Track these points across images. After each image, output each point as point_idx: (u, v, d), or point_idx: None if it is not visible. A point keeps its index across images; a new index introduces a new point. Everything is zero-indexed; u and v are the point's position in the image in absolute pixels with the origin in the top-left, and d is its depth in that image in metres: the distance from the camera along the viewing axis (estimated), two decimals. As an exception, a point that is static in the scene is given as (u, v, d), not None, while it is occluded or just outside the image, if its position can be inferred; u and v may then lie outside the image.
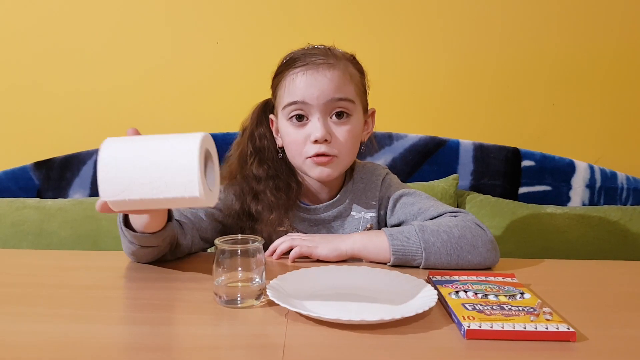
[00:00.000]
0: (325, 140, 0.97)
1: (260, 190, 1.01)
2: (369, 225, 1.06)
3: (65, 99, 1.64)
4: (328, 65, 0.98)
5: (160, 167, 0.67)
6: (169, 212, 0.88)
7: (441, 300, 0.74)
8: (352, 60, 1.04)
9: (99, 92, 1.63)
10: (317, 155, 0.98)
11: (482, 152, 1.59)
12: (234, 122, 1.14)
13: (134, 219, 0.85)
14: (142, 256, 0.90)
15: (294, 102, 0.98)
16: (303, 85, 0.97)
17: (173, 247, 0.92)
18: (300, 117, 0.99)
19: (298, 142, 0.99)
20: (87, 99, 1.64)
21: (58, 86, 1.63)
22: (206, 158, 0.71)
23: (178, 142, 0.68)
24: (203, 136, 0.69)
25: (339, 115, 0.99)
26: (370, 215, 1.06)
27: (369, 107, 1.06)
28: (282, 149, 1.05)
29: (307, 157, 0.99)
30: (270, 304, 0.72)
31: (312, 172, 1.00)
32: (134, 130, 0.76)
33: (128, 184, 0.67)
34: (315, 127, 0.97)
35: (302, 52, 1.01)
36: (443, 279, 0.81)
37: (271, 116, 1.07)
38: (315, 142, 0.97)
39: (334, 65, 0.98)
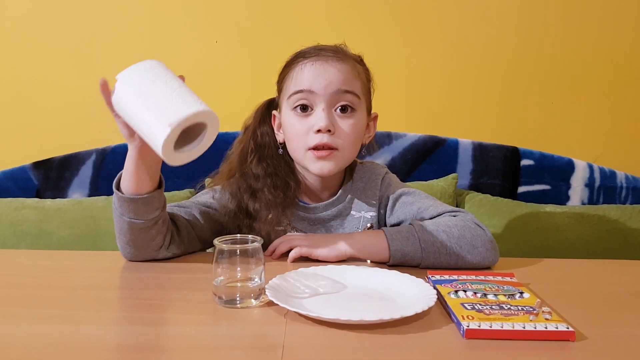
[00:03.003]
0: (329, 131, 0.96)
1: (258, 188, 1.01)
2: (369, 225, 1.06)
3: (64, 99, 1.63)
4: (337, 58, 0.98)
5: (173, 94, 0.75)
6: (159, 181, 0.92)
7: (440, 299, 0.74)
8: (360, 61, 1.04)
9: (98, 92, 1.63)
10: (319, 147, 0.97)
11: (481, 151, 1.59)
12: (233, 121, 1.14)
13: (127, 182, 0.89)
14: (136, 240, 0.91)
15: (301, 91, 0.97)
16: (311, 75, 0.97)
17: (167, 240, 0.93)
18: (304, 108, 0.98)
19: (301, 132, 0.98)
20: (86, 99, 1.63)
21: (57, 86, 1.63)
22: (202, 129, 0.78)
23: (194, 97, 0.77)
24: (208, 110, 0.75)
25: (344, 109, 0.98)
26: (371, 214, 1.06)
27: (372, 111, 1.06)
28: (282, 144, 1.05)
29: (309, 149, 0.98)
30: (270, 304, 0.72)
31: (313, 167, 0.99)
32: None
33: (146, 83, 0.77)
34: (319, 116, 0.96)
35: (312, 47, 1.01)
36: (442, 278, 0.81)
37: (274, 112, 1.07)
38: (319, 132, 0.96)
39: (343, 60, 0.99)
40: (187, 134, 0.77)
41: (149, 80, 0.77)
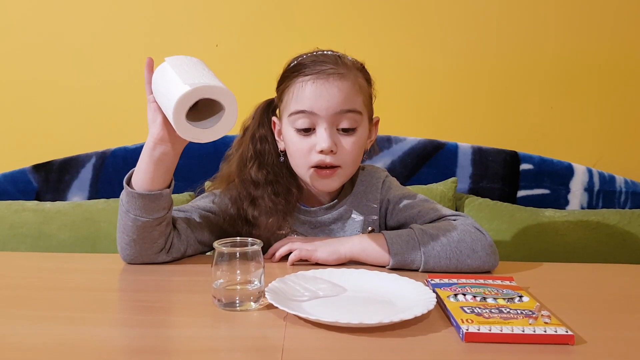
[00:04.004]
0: (331, 151, 0.96)
1: (258, 195, 1.00)
2: (370, 228, 1.06)
3: (64, 102, 1.64)
4: (339, 75, 0.96)
5: (207, 73, 0.83)
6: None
7: (440, 303, 0.74)
8: (362, 69, 1.02)
9: (97, 95, 1.64)
10: (321, 166, 0.97)
11: (480, 155, 1.59)
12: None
13: (139, 176, 0.90)
14: (137, 240, 0.90)
15: (302, 112, 0.96)
16: (312, 95, 0.95)
17: (168, 243, 0.93)
18: (306, 127, 0.97)
19: (303, 151, 0.98)
20: (85, 102, 1.64)
21: (57, 89, 1.63)
22: (219, 113, 0.82)
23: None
24: (231, 94, 0.80)
25: (346, 127, 0.97)
26: (372, 218, 1.06)
27: (373, 116, 1.06)
28: (283, 152, 1.04)
29: (311, 167, 0.98)
30: (269, 306, 0.72)
31: (316, 184, 0.99)
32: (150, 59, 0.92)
33: (187, 64, 0.86)
34: (322, 137, 0.95)
35: (312, 58, 0.99)
36: (442, 282, 0.81)
37: (274, 118, 1.06)
38: (321, 152, 0.96)
39: (344, 76, 0.96)
40: (203, 113, 0.82)
41: (191, 63, 0.86)
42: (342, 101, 0.95)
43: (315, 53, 1.00)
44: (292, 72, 0.99)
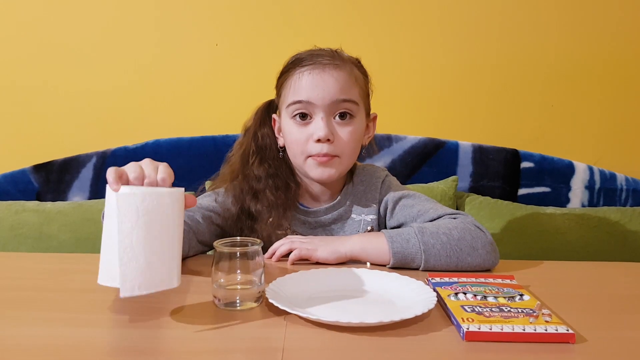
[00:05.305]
0: (328, 140, 0.97)
1: (260, 189, 1.02)
2: (369, 228, 1.06)
3: (65, 102, 1.64)
4: (334, 66, 0.98)
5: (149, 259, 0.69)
6: None
7: (440, 302, 0.74)
8: (357, 64, 1.04)
9: (98, 95, 1.64)
10: (320, 155, 0.98)
11: (481, 153, 1.59)
12: (233, 124, 1.14)
13: None
14: None
15: (299, 101, 0.98)
16: (309, 85, 0.97)
17: None
18: (303, 116, 0.99)
19: (300, 140, 0.99)
20: (86, 102, 1.64)
21: (57, 89, 1.63)
22: None
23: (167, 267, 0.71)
24: (162, 289, 0.70)
25: (343, 116, 0.99)
26: (371, 217, 1.06)
27: (371, 112, 1.07)
28: (283, 148, 1.05)
29: (309, 156, 0.99)
30: (269, 306, 0.72)
31: (313, 173, 1.00)
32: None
33: (137, 229, 0.69)
34: (318, 126, 0.97)
35: (309, 52, 1.01)
36: (442, 280, 0.81)
37: (274, 116, 1.07)
38: (318, 141, 0.97)
39: (340, 67, 0.99)
40: None
41: (143, 225, 0.69)
42: (338, 91, 0.97)
43: (313, 49, 1.02)
44: (290, 67, 1.01)
